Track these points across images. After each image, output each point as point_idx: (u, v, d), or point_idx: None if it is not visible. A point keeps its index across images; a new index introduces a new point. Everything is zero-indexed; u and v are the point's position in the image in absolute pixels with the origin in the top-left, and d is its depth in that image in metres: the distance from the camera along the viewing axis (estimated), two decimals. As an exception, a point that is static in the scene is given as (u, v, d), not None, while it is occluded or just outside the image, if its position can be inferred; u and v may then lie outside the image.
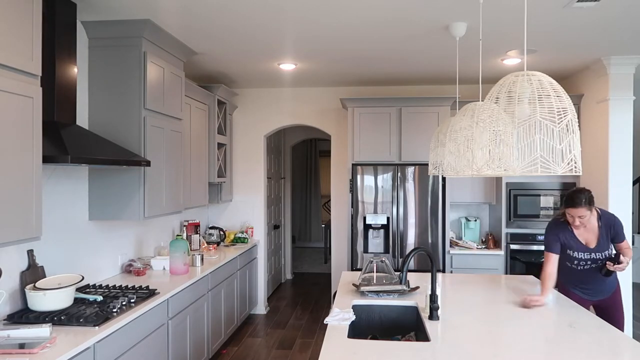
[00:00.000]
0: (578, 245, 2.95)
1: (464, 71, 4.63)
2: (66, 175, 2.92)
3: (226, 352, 4.32)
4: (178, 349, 3.22)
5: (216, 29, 3.32)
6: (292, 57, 4.10)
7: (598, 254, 2.92)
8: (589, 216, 2.85)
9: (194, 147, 4.29)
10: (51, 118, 2.58)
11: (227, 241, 5.15)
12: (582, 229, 2.96)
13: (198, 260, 3.85)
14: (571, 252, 2.95)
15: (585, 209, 2.81)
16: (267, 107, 5.56)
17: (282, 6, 2.88)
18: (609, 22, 3.16)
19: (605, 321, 2.50)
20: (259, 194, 5.59)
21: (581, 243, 2.95)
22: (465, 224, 5.13)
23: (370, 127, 4.74)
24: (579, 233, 2.97)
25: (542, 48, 3.80)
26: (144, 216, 3.14)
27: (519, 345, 2.03)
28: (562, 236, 2.97)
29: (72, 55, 2.76)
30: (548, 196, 4.77)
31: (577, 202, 2.82)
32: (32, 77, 2.17)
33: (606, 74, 4.18)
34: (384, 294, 2.79)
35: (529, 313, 2.53)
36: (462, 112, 2.37)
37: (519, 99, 1.79)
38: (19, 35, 2.08)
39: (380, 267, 2.98)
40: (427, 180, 4.62)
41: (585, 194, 2.83)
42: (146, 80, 3.14)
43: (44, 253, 2.72)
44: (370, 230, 4.67)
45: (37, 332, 2.12)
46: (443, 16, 3.04)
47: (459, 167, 2.30)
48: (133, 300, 2.70)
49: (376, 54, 4.00)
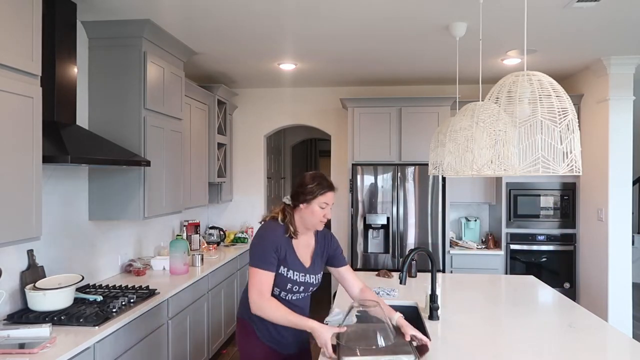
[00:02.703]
0: (295, 262, 2.00)
1: (464, 71, 4.63)
2: (66, 175, 2.92)
3: (226, 352, 4.32)
4: (178, 349, 3.22)
5: (216, 29, 3.32)
6: (292, 57, 4.09)
7: (312, 278, 2.06)
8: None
9: (194, 147, 4.29)
10: (51, 118, 2.58)
11: (227, 241, 5.15)
12: (302, 238, 2.05)
13: (198, 260, 3.85)
14: (284, 269, 1.97)
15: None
16: (267, 107, 5.56)
17: (283, 5, 2.88)
18: (609, 22, 3.16)
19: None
20: (259, 194, 5.59)
21: (298, 260, 2.02)
22: (465, 224, 5.13)
23: (370, 127, 4.74)
24: (298, 243, 2.03)
25: (542, 48, 3.80)
26: (144, 216, 3.13)
27: (519, 345, 2.03)
28: (280, 247, 1.97)
29: (72, 55, 2.76)
30: (548, 196, 4.77)
31: (332, 183, 2.02)
32: (32, 77, 2.17)
33: (606, 74, 4.18)
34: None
35: (529, 313, 2.53)
36: (462, 112, 2.36)
37: (519, 99, 1.79)
38: (19, 35, 2.07)
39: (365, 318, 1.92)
40: (427, 180, 4.62)
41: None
42: (146, 80, 3.14)
43: (44, 253, 2.72)
44: (370, 230, 4.67)
45: (37, 332, 2.12)
46: (443, 16, 3.04)
47: (459, 167, 2.30)
48: (133, 300, 2.70)
49: (376, 54, 3.99)
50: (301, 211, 2.00)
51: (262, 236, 1.99)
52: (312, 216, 1.98)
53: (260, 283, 1.91)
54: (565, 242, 4.76)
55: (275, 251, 1.95)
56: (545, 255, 4.76)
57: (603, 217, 4.27)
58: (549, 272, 4.75)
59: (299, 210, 2.01)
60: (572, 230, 4.75)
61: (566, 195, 4.76)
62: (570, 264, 4.74)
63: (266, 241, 1.96)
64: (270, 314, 1.89)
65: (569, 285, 4.74)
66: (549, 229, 4.77)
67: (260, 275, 1.91)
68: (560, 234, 4.76)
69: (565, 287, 4.73)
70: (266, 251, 1.93)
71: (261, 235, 1.99)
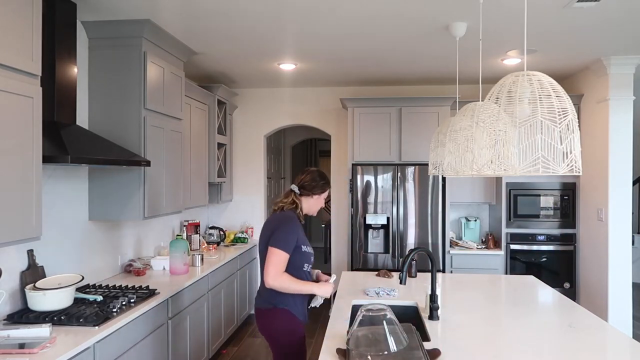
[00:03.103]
0: (305, 239, 2.42)
1: (464, 71, 4.63)
2: (66, 175, 2.92)
3: (226, 352, 4.32)
4: (178, 349, 3.22)
5: (216, 29, 3.32)
6: (292, 57, 4.09)
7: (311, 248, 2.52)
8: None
9: (194, 147, 4.29)
10: (51, 118, 2.58)
11: (227, 241, 5.15)
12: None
13: (198, 260, 3.85)
14: (305, 247, 2.39)
15: None
16: (267, 107, 5.56)
17: (283, 5, 2.88)
18: (609, 22, 3.16)
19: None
20: (259, 194, 5.59)
21: (305, 237, 2.46)
22: (465, 224, 5.13)
23: (370, 127, 4.74)
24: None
25: (542, 48, 3.80)
26: (144, 216, 3.13)
27: (519, 346, 2.03)
28: (299, 233, 2.38)
29: (72, 55, 2.76)
30: (548, 196, 4.77)
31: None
32: (32, 77, 2.17)
33: (606, 74, 4.18)
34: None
35: (529, 313, 2.53)
36: (462, 112, 2.37)
37: (519, 99, 1.79)
38: (19, 35, 2.08)
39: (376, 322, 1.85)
40: (427, 180, 4.62)
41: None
42: (146, 80, 3.14)
43: (44, 253, 2.72)
44: (370, 230, 4.67)
45: (37, 332, 2.12)
46: (443, 16, 3.04)
47: (459, 167, 2.30)
48: (133, 300, 2.70)
49: (376, 54, 3.99)
50: (310, 200, 2.48)
51: (288, 224, 2.35)
52: (316, 205, 2.52)
53: (280, 262, 2.27)
54: (565, 242, 4.76)
55: (296, 237, 2.33)
56: (545, 255, 4.77)
57: (603, 217, 4.27)
58: (549, 272, 4.75)
59: (307, 199, 2.48)
60: (572, 230, 4.75)
61: (566, 195, 4.76)
62: (570, 264, 4.74)
63: (291, 229, 2.33)
64: (287, 286, 2.27)
65: (569, 285, 4.74)
66: (549, 229, 4.77)
67: (281, 256, 2.27)
68: (560, 234, 4.76)
69: (565, 287, 4.73)
70: (289, 237, 2.31)
71: (287, 224, 2.35)
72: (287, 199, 2.44)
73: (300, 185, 2.46)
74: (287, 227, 2.33)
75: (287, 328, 2.35)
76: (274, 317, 2.35)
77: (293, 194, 2.45)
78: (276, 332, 2.37)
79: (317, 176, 2.47)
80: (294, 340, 2.36)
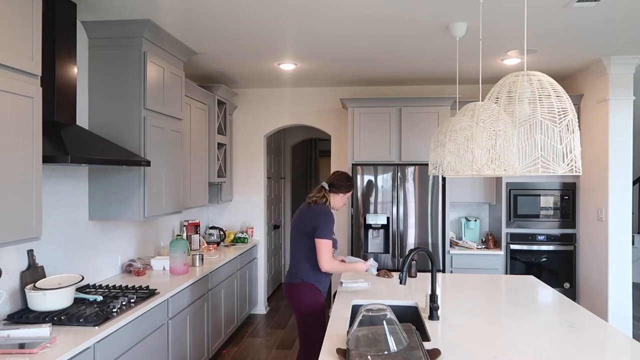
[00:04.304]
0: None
1: (464, 71, 4.63)
2: (66, 175, 2.92)
3: (226, 352, 4.32)
4: (178, 349, 3.22)
5: (216, 29, 3.32)
6: (292, 57, 4.10)
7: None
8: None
9: (194, 147, 4.29)
10: (51, 118, 2.58)
11: (227, 241, 5.15)
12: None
13: (198, 260, 3.85)
14: (334, 235, 2.96)
15: None
16: (267, 107, 5.56)
17: (283, 5, 2.88)
18: (609, 22, 3.16)
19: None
20: (259, 194, 5.59)
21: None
22: (465, 224, 5.13)
23: (370, 127, 4.74)
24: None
25: (542, 48, 3.80)
26: (144, 216, 3.13)
27: (519, 346, 2.03)
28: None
29: (72, 55, 2.76)
30: (548, 196, 4.77)
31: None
32: (32, 77, 2.17)
33: (606, 74, 4.18)
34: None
35: (529, 313, 2.53)
36: (462, 112, 2.37)
37: (519, 99, 1.79)
38: (19, 35, 2.08)
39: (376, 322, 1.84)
40: (427, 180, 4.62)
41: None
42: (146, 80, 3.14)
43: (44, 253, 2.72)
44: (370, 230, 4.67)
45: (37, 332, 2.12)
46: (443, 16, 3.04)
47: (459, 167, 2.30)
48: (133, 300, 2.70)
49: (376, 54, 4.00)
50: (337, 197, 2.97)
51: (327, 217, 2.82)
52: (341, 201, 3.00)
53: (329, 250, 2.79)
54: (565, 242, 4.76)
55: (333, 225, 2.84)
56: (545, 255, 4.77)
57: (603, 217, 4.27)
58: (549, 272, 4.75)
59: (335, 196, 2.96)
60: (572, 230, 4.75)
61: (566, 195, 4.76)
62: (570, 264, 4.75)
63: (331, 220, 2.82)
64: (336, 268, 2.82)
65: (569, 285, 4.74)
66: (549, 229, 4.77)
67: (328, 244, 2.78)
68: (560, 234, 4.77)
69: (565, 287, 4.73)
70: (330, 228, 2.81)
71: (327, 216, 2.82)
72: (319, 194, 2.90)
73: (330, 183, 2.93)
74: (327, 219, 2.80)
75: (312, 298, 2.80)
76: (302, 289, 2.81)
77: (324, 190, 2.91)
78: (302, 302, 2.80)
79: (344, 178, 2.97)
80: (317, 310, 2.80)
